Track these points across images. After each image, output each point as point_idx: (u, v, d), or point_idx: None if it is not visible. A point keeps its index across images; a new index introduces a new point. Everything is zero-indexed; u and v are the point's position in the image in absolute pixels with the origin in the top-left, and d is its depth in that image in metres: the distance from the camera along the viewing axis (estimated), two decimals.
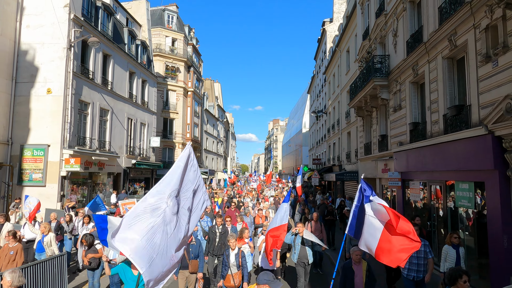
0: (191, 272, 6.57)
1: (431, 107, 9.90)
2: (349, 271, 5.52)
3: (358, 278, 5.48)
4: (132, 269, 5.05)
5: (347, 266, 5.58)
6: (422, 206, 10.82)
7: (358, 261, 5.55)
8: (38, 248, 8.45)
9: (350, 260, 5.61)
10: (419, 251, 5.97)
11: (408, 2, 11.67)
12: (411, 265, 6.13)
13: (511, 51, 6.51)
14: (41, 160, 15.91)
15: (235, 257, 6.37)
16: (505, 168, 6.57)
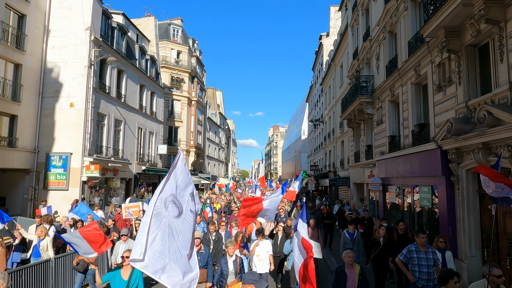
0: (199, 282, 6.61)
1: (404, 123, 11.82)
2: (341, 275, 5.45)
3: (350, 281, 5.40)
4: (122, 275, 5.08)
5: (339, 269, 5.51)
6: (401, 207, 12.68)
7: (351, 264, 5.49)
8: (34, 253, 8.15)
9: (343, 264, 5.55)
10: (428, 259, 5.80)
11: (387, 32, 13.64)
12: (421, 274, 5.74)
13: (454, 85, 8.44)
14: (64, 167, 17.80)
15: (233, 264, 6.24)
16: (450, 175, 8.46)
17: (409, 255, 5.93)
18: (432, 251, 5.95)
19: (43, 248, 8.00)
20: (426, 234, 6.08)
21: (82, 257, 6.59)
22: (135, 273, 5.11)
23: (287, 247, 7.53)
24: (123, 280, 5.04)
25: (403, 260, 5.99)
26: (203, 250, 6.58)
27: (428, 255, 5.86)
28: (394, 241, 7.69)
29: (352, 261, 5.49)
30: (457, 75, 8.27)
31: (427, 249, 5.92)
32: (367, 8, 16.99)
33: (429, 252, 5.90)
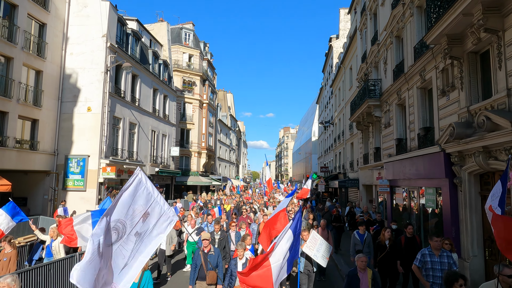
0: (209, 283, 6.21)
1: (410, 126, 12.09)
2: (354, 279, 5.37)
3: (363, 286, 5.34)
4: None
5: (352, 273, 5.44)
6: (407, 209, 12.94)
7: (363, 269, 5.41)
8: (47, 253, 8.32)
9: (356, 268, 5.47)
10: (442, 263, 5.64)
11: (394, 37, 13.92)
12: (435, 278, 5.59)
13: (457, 90, 8.72)
14: (82, 169, 18.59)
15: (242, 267, 6.15)
16: (453, 177, 8.74)
17: (423, 259, 5.75)
18: (447, 255, 5.77)
19: (55, 248, 8.10)
20: (440, 237, 5.92)
21: None
22: (145, 276, 5.23)
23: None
24: (134, 283, 5.06)
25: (419, 266, 5.77)
26: (213, 252, 6.47)
27: (443, 259, 5.69)
28: (401, 244, 7.58)
29: (364, 266, 5.40)
30: (459, 81, 8.55)
31: (441, 253, 5.76)
32: (375, 12, 17.26)
33: (443, 256, 5.72)
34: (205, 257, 6.23)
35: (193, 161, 37.73)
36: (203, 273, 6.21)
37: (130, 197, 3.52)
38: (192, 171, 36.77)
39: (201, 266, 6.24)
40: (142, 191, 3.61)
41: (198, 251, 6.38)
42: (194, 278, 6.25)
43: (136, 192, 3.57)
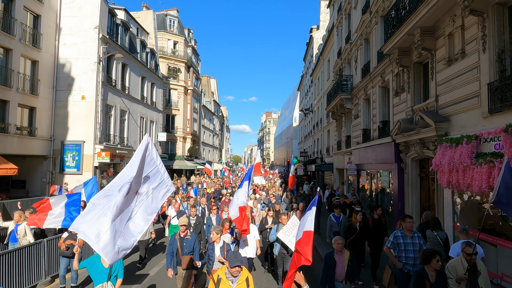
0: (184, 268, 6.18)
1: (373, 119, 14.21)
2: (331, 261, 5.45)
3: (339, 267, 5.44)
4: (102, 262, 4.88)
5: (329, 255, 5.51)
6: (369, 188, 15.23)
7: (340, 250, 5.52)
8: (11, 238, 8.10)
9: (333, 250, 5.56)
10: (414, 244, 5.83)
11: (363, 39, 15.84)
12: (407, 259, 5.77)
13: (405, 92, 10.78)
14: (78, 153, 19.92)
15: (220, 251, 6.16)
16: (401, 162, 10.92)
17: (395, 241, 5.93)
18: (418, 236, 5.95)
19: (20, 232, 7.88)
20: (412, 218, 6.13)
21: (72, 241, 6.81)
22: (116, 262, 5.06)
23: (273, 233, 7.39)
24: (104, 268, 4.89)
25: (391, 247, 5.98)
26: (189, 236, 6.36)
27: (414, 240, 5.89)
28: (369, 226, 7.92)
29: (341, 248, 5.52)
30: (407, 85, 10.61)
31: (413, 234, 5.95)
32: (349, 13, 19.08)
33: (415, 237, 5.92)
34: (181, 241, 6.21)
35: (178, 145, 39.18)
36: (179, 257, 6.16)
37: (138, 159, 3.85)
38: (178, 156, 38.25)
39: (177, 250, 6.19)
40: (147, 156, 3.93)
41: (174, 236, 6.36)
42: (171, 262, 6.21)
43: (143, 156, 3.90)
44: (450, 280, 4.62)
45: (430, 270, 4.51)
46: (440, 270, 4.54)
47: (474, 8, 6.77)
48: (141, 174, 3.90)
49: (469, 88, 7.36)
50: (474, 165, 6.61)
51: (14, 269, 7.01)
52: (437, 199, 8.96)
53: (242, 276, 4.33)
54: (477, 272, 4.67)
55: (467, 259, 4.59)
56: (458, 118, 7.87)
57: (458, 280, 4.54)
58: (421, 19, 8.33)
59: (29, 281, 7.39)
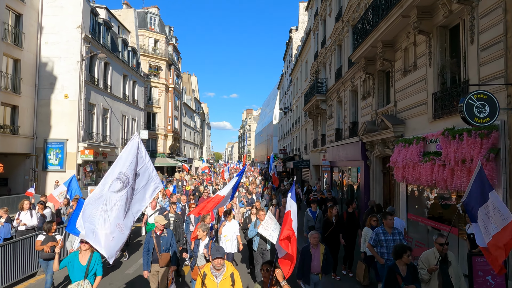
0: (162, 266, 6.19)
1: (344, 120, 15.45)
2: (307, 255, 5.63)
3: (315, 261, 5.61)
4: (80, 259, 5.01)
5: (305, 249, 5.68)
6: (340, 183, 16.50)
7: (316, 244, 5.70)
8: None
9: (309, 244, 5.74)
10: (395, 240, 6.07)
11: (336, 45, 17.04)
12: (389, 255, 5.92)
13: (371, 97, 12.01)
14: (61, 151, 20.23)
15: (205, 247, 6.23)
16: (366, 160, 12.17)
17: (377, 238, 6.19)
18: (398, 232, 6.25)
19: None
20: (393, 215, 6.34)
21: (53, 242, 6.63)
22: (94, 258, 5.09)
23: (252, 230, 7.51)
24: (81, 266, 4.94)
25: (372, 244, 6.25)
26: (166, 234, 6.37)
27: (395, 236, 6.15)
28: (344, 219, 8.35)
29: (317, 242, 5.71)
30: (372, 90, 11.84)
31: (393, 231, 6.23)
32: (324, 19, 20.26)
33: (395, 233, 6.20)
34: (158, 239, 6.23)
35: (159, 143, 39.55)
36: (156, 256, 6.16)
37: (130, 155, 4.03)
38: (159, 153, 38.64)
39: (154, 248, 6.21)
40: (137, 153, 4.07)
41: (150, 234, 6.36)
42: (147, 262, 6.17)
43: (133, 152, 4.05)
44: (423, 271, 4.82)
45: (401, 265, 4.72)
46: (410, 264, 4.77)
47: (422, 29, 7.97)
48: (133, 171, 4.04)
49: (419, 96, 8.60)
50: (421, 162, 7.83)
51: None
52: (395, 191, 10.24)
53: (227, 271, 4.39)
54: (447, 263, 4.89)
55: (439, 249, 4.81)
56: (411, 122, 9.12)
57: (430, 271, 4.75)
58: (382, 34, 9.51)
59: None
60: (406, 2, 7.83)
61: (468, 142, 6.15)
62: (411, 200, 9.40)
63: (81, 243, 5.09)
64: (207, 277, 4.37)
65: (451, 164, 6.57)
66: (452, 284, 4.78)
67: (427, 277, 4.78)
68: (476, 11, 6.43)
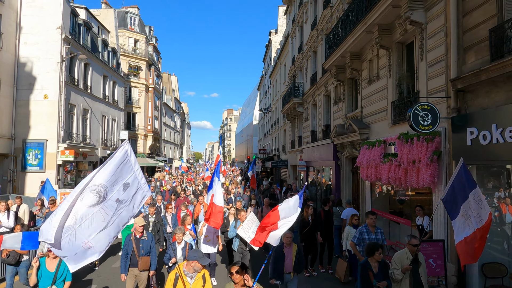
0: (141, 270, 6.06)
1: (319, 122, 16.45)
2: (280, 254, 5.76)
3: (288, 260, 5.75)
4: (47, 266, 4.91)
5: (278, 249, 5.76)
6: (315, 182, 17.49)
7: (289, 244, 5.86)
8: None
9: (282, 244, 5.85)
10: (378, 239, 6.27)
11: (312, 52, 18.03)
12: None
13: (342, 102, 13.02)
14: (40, 152, 20.24)
15: (181, 252, 6.16)
16: (338, 160, 13.17)
17: (361, 236, 6.41)
18: (380, 232, 6.46)
19: None
20: (375, 214, 6.54)
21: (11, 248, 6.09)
22: (63, 264, 4.90)
23: (232, 230, 7.55)
24: (49, 272, 4.79)
25: (356, 243, 6.45)
26: (146, 237, 6.24)
27: (378, 235, 6.36)
28: (321, 217, 8.64)
29: (290, 241, 5.86)
30: (343, 96, 12.84)
31: (377, 230, 6.45)
32: (301, 26, 21.24)
33: (378, 232, 6.42)
34: (137, 242, 6.11)
35: (139, 143, 39.56)
36: (135, 259, 6.04)
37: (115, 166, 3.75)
38: (139, 153, 38.63)
39: (133, 252, 6.09)
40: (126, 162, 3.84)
41: (129, 237, 6.25)
42: (125, 266, 6.08)
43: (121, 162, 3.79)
44: (396, 271, 4.96)
45: (373, 262, 4.94)
46: (382, 261, 5.01)
47: (383, 44, 8.98)
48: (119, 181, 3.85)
49: (381, 104, 9.61)
50: (382, 163, 8.81)
51: None
52: (361, 189, 11.25)
53: (200, 272, 4.47)
54: (418, 263, 5.09)
55: (411, 250, 4.97)
56: (375, 126, 10.13)
57: (404, 270, 4.90)
58: (350, 46, 10.48)
59: None
60: (369, 20, 8.80)
61: (417, 145, 7.14)
62: (374, 197, 10.42)
63: (49, 251, 4.90)
64: (180, 278, 4.39)
65: (404, 164, 7.56)
66: (422, 283, 4.99)
67: (400, 277, 4.91)
68: (425, 32, 7.45)
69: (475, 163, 5.90)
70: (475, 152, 5.71)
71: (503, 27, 5.23)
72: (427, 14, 7.36)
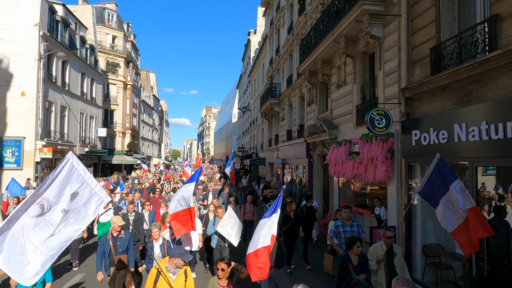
0: (119, 268, 6.01)
1: (294, 122, 17.42)
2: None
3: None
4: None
5: None
6: (291, 178, 18.48)
7: None
8: None
9: None
10: (353, 232, 6.41)
11: (288, 55, 18.97)
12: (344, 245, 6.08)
13: (314, 103, 14.01)
14: (18, 149, 20.16)
15: (160, 249, 6.10)
16: (310, 158, 14.18)
17: (336, 230, 6.59)
18: (356, 225, 6.61)
19: None
20: (349, 208, 6.73)
21: None
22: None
23: (211, 227, 7.54)
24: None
25: (332, 236, 6.67)
26: (123, 235, 6.18)
27: (353, 228, 6.54)
28: (303, 213, 8.87)
29: None
30: (315, 98, 13.84)
31: (352, 223, 6.61)
32: (278, 29, 22.15)
33: (354, 225, 6.59)
34: (114, 241, 6.06)
35: (117, 140, 39.37)
36: (112, 258, 6.00)
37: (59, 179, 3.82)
38: (117, 151, 38.47)
39: (110, 250, 6.03)
40: (71, 174, 3.87)
41: (105, 236, 6.19)
42: (101, 263, 6.00)
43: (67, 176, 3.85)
44: (371, 262, 5.18)
45: (353, 255, 5.03)
46: (361, 254, 5.11)
47: (349, 53, 9.98)
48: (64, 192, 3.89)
49: (348, 107, 10.64)
50: (347, 160, 9.83)
51: None
52: (331, 184, 12.29)
53: (181, 268, 4.55)
54: (393, 254, 5.30)
55: (386, 242, 5.21)
56: (342, 127, 11.16)
57: (378, 261, 5.13)
58: (321, 53, 11.43)
59: None
60: (337, 31, 9.76)
61: (375, 145, 8.17)
62: (341, 191, 11.47)
63: None
64: (162, 274, 4.42)
65: (365, 161, 8.58)
66: (397, 273, 5.14)
67: (375, 268, 5.15)
68: (383, 46, 8.48)
69: (418, 160, 6.97)
70: (418, 151, 6.77)
71: (440, 47, 6.28)
72: (385, 29, 8.38)
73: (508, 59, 4.67)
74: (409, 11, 7.29)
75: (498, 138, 4.88)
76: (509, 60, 4.67)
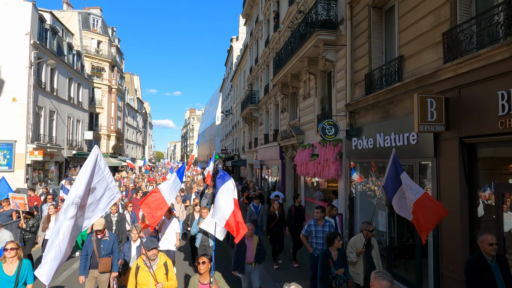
0: (101, 271, 5.86)
1: (270, 127, 19.25)
2: (242, 246, 5.97)
3: (249, 251, 6.00)
4: (5, 270, 4.55)
5: (240, 241, 5.69)
6: (268, 179, 20.28)
7: (250, 236, 6.04)
8: None
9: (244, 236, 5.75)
10: (324, 231, 6.53)
11: (265, 65, 20.80)
12: (317, 244, 6.47)
13: (287, 111, 15.86)
14: (9, 152, 21.18)
15: (136, 250, 6.04)
16: (283, 159, 16.02)
17: (309, 229, 6.76)
18: (329, 225, 6.77)
19: None
20: (319, 209, 6.88)
21: None
22: (24, 266, 4.67)
23: (194, 227, 7.63)
24: (8, 277, 4.49)
25: (305, 234, 6.82)
26: (107, 237, 6.04)
27: (325, 228, 6.67)
28: (292, 213, 9.09)
29: (251, 233, 6.04)
30: (287, 107, 15.71)
31: (325, 223, 6.76)
32: (257, 40, 23.96)
33: (326, 225, 6.73)
34: (98, 243, 5.92)
35: (102, 143, 40.26)
36: (95, 260, 5.86)
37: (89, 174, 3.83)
38: (102, 153, 39.21)
39: (93, 253, 5.90)
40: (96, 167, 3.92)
41: (90, 237, 6.06)
42: (85, 267, 5.86)
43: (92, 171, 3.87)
44: (351, 254, 5.46)
45: (333, 250, 5.23)
46: (340, 249, 5.33)
47: (311, 71, 11.87)
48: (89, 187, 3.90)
49: (311, 116, 12.51)
50: (310, 161, 11.68)
51: None
52: (298, 182, 14.15)
53: (160, 261, 4.57)
54: (371, 246, 5.57)
55: (365, 235, 5.48)
56: (307, 133, 13.03)
57: (358, 253, 5.40)
58: (289, 69, 13.28)
59: None
60: (301, 53, 11.60)
61: (329, 148, 10.04)
62: (306, 187, 13.35)
63: (5, 251, 4.59)
64: (141, 269, 4.48)
65: (322, 162, 10.44)
66: (374, 264, 5.50)
67: (355, 259, 5.43)
68: (336, 67, 10.38)
69: (357, 161, 8.87)
70: (356, 154, 8.67)
71: (371, 74, 8.18)
72: (337, 55, 10.28)
73: (406, 88, 6.59)
74: (352, 42, 9.21)
75: (403, 144, 6.79)
76: (407, 89, 6.58)
